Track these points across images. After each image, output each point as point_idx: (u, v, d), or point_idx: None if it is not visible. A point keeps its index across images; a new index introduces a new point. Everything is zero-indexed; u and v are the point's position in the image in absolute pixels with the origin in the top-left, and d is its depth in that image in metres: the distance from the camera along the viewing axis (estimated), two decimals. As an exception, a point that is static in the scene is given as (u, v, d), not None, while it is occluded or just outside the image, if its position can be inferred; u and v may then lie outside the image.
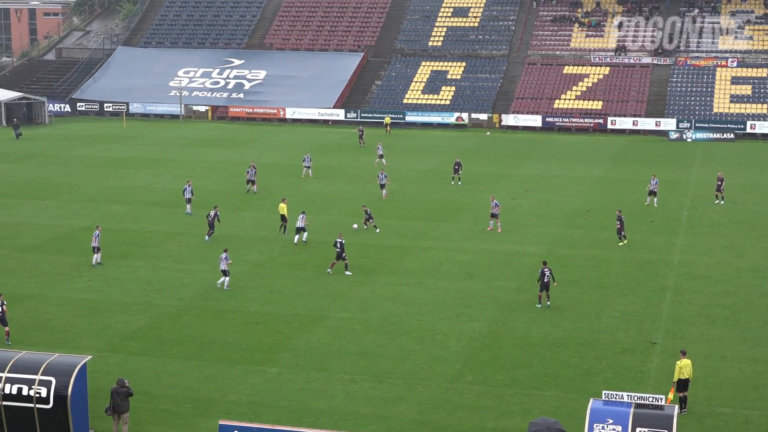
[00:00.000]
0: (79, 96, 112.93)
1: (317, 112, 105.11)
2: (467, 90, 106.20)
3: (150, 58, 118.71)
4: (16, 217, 57.81)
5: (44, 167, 75.37)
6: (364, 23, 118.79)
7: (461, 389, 32.96)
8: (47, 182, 68.89)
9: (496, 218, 55.08)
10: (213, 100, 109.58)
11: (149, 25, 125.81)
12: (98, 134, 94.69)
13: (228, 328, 38.77)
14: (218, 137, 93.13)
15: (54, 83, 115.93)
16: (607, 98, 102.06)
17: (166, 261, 48.56)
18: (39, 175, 71.96)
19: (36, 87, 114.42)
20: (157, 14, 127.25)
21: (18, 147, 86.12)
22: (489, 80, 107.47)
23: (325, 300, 42.41)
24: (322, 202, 62.71)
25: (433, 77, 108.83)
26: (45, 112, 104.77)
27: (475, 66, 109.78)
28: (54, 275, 46.01)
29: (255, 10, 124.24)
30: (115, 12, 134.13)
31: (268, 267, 47.51)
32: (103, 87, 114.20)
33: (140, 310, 40.98)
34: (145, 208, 60.72)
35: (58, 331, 38.46)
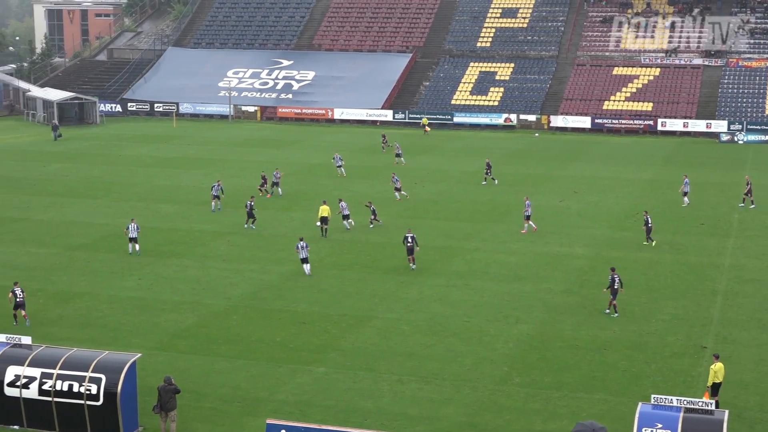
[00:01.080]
0: (130, 96, 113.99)
1: (365, 113, 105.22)
2: (516, 91, 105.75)
3: (200, 58, 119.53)
4: (68, 216, 58.44)
5: (95, 167, 76.14)
6: (413, 24, 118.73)
7: (509, 391, 32.81)
8: (98, 181, 69.59)
9: (528, 219, 54.95)
10: (262, 100, 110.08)
11: (199, 25, 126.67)
12: (148, 134, 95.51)
13: (276, 328, 38.90)
14: (267, 138, 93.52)
15: (105, 83, 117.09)
16: (657, 100, 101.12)
17: (214, 260, 48.84)
18: (90, 174, 72.69)
19: (88, 87, 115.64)
20: (207, 15, 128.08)
21: (70, 146, 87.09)
22: (538, 81, 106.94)
23: (372, 300, 42.41)
24: (364, 199, 62.61)
25: (482, 78, 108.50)
26: (96, 112, 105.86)
27: (524, 67, 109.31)
28: (104, 273, 46.45)
29: (304, 11, 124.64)
30: (165, 13, 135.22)
31: (316, 267, 47.58)
32: (154, 87, 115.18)
33: (189, 308, 41.25)
34: (194, 207, 61.11)
35: (108, 329, 38.81)
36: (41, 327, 38.54)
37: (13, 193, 65.62)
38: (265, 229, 54.66)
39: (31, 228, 55.45)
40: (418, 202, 62.40)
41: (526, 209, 54.90)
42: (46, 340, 35.48)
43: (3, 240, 52.74)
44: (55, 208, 60.70)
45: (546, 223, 56.60)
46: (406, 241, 47.29)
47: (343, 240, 52.47)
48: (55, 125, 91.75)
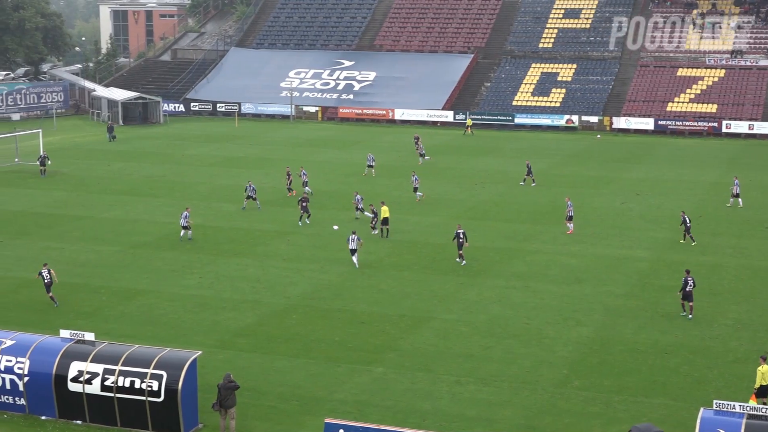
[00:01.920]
0: (193, 96, 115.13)
1: (426, 114, 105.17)
2: (578, 92, 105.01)
3: (262, 59, 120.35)
4: (131, 214, 59.18)
5: (158, 166, 77.01)
6: (474, 25, 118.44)
7: (568, 394, 32.60)
8: (161, 180, 70.36)
9: (570, 220, 54.86)
10: (323, 101, 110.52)
11: (262, 26, 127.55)
12: (211, 134, 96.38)
13: (335, 327, 39.04)
14: (327, 138, 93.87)
15: (169, 83, 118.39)
16: (722, 101, 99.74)
17: (275, 259, 49.15)
18: (153, 173, 73.53)
19: (152, 87, 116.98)
20: (269, 16, 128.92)
21: (134, 146, 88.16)
22: (600, 82, 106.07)
23: (431, 301, 42.39)
24: (428, 203, 62.70)
25: (543, 79, 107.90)
26: (160, 112, 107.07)
27: (586, 68, 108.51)
28: (166, 271, 46.96)
29: (366, 12, 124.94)
30: (228, 14, 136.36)
31: (376, 267, 47.69)
32: (216, 87, 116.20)
33: (249, 307, 41.55)
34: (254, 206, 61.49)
35: (169, 326, 39.23)
36: (104, 324, 39.09)
37: (77, 191, 66.61)
38: (325, 229, 54.87)
39: (94, 226, 56.25)
40: (478, 203, 62.22)
41: (569, 210, 54.82)
42: (108, 336, 35.99)
43: (67, 237, 53.57)
44: (118, 207, 61.51)
45: (607, 226, 56.16)
46: (457, 237, 48.06)
47: (403, 241, 52.51)
48: (111, 126, 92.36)
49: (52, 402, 30.37)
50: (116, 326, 38.95)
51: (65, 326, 35.69)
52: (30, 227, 56.09)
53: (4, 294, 43.30)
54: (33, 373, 30.41)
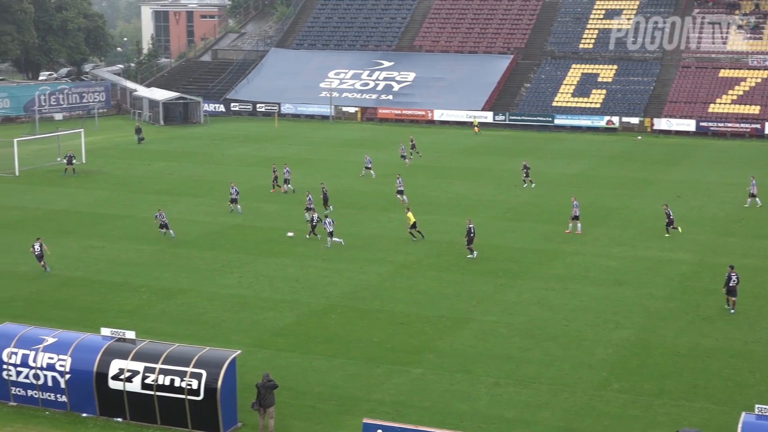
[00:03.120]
0: (233, 96, 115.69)
1: (465, 114, 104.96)
2: (618, 93, 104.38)
3: (302, 59, 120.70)
4: (171, 213, 59.48)
5: (199, 165, 77.44)
6: (514, 25, 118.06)
7: (607, 397, 32.39)
8: (201, 180, 70.73)
9: (577, 220, 54.78)
10: (362, 101, 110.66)
11: (302, 27, 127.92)
12: (251, 134, 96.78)
13: (373, 328, 39.05)
14: (367, 138, 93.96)
15: (209, 84, 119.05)
16: (765, 103, 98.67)
17: (314, 259, 49.24)
18: (194, 173, 73.92)
19: (192, 87, 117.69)
20: (309, 17, 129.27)
21: (174, 146, 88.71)
22: (641, 83, 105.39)
23: (470, 302, 42.30)
24: (468, 204, 62.58)
25: (584, 80, 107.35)
26: (200, 112, 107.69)
27: (627, 69, 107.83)
28: (206, 271, 47.19)
29: (405, 13, 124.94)
30: (269, 14, 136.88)
31: (414, 268, 47.66)
32: (256, 88, 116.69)
33: (288, 307, 41.66)
34: (294, 206, 61.64)
35: (209, 325, 39.42)
36: (144, 322, 39.35)
37: (118, 190, 67.13)
38: (364, 229, 54.90)
39: (135, 225, 56.65)
40: (517, 205, 62.01)
41: (574, 210, 54.79)
42: (149, 335, 36.23)
43: (109, 236, 53.99)
44: (158, 206, 61.79)
45: (648, 228, 55.75)
46: (469, 232, 49.32)
47: (442, 242, 52.43)
48: (138, 128, 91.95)
49: (93, 399, 30.61)
50: (156, 325, 39.20)
51: (106, 324, 35.97)
52: (72, 226, 56.60)
53: (46, 292, 43.73)
54: (74, 370, 30.67)
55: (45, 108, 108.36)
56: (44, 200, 63.95)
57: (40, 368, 30.95)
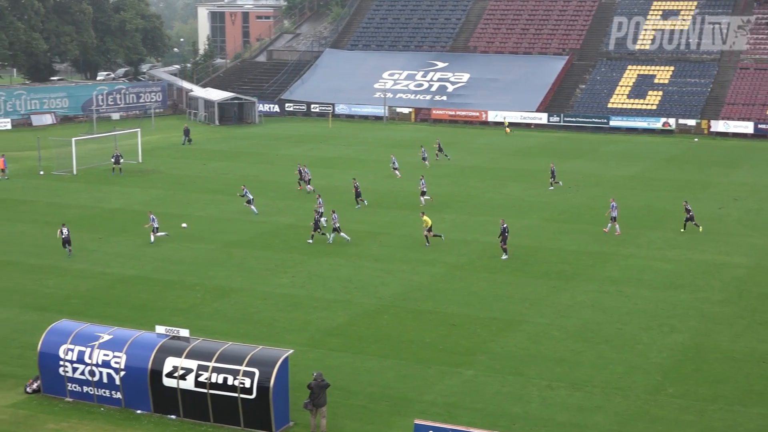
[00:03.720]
0: (288, 97, 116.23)
1: (519, 116, 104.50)
2: (675, 95, 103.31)
3: (356, 60, 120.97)
4: (225, 213, 59.97)
5: (253, 165, 77.91)
6: (570, 26, 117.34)
7: (661, 401, 32.09)
8: (256, 180, 71.11)
9: (614, 221, 54.58)
10: (416, 102, 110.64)
11: (356, 28, 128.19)
12: (305, 134, 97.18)
13: (425, 329, 39.04)
14: (420, 139, 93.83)
15: (264, 84, 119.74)
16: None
17: (366, 260, 49.34)
18: (248, 172, 74.36)
19: (247, 88, 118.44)
20: (364, 17, 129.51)
21: (229, 145, 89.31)
22: (698, 85, 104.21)
23: (523, 305, 42.13)
24: (522, 206, 62.33)
25: (640, 81, 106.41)
26: (255, 112, 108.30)
27: (684, 70, 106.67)
28: (260, 270, 47.48)
29: (460, 13, 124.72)
30: (323, 15, 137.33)
31: (467, 269, 47.57)
32: (311, 88, 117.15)
33: (341, 307, 41.78)
34: (348, 207, 61.74)
35: (262, 324, 39.66)
36: (198, 320, 39.68)
37: (174, 190, 67.75)
38: (417, 230, 54.91)
39: (190, 224, 57.05)
40: (571, 207, 61.63)
41: (612, 210, 54.66)
42: (202, 333, 36.53)
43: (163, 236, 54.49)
44: (213, 206, 62.40)
45: (704, 231, 55.12)
46: (503, 232, 49.32)
47: (495, 243, 52.24)
48: (187, 129, 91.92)
49: (147, 396, 30.93)
50: (210, 323, 39.51)
51: (161, 322, 36.32)
52: (128, 224, 57.22)
53: (102, 290, 44.27)
54: (129, 367, 31.02)
55: (102, 108, 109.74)
56: (101, 198, 64.75)
57: (96, 365, 31.34)
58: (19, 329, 38.87)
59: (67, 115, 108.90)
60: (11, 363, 35.46)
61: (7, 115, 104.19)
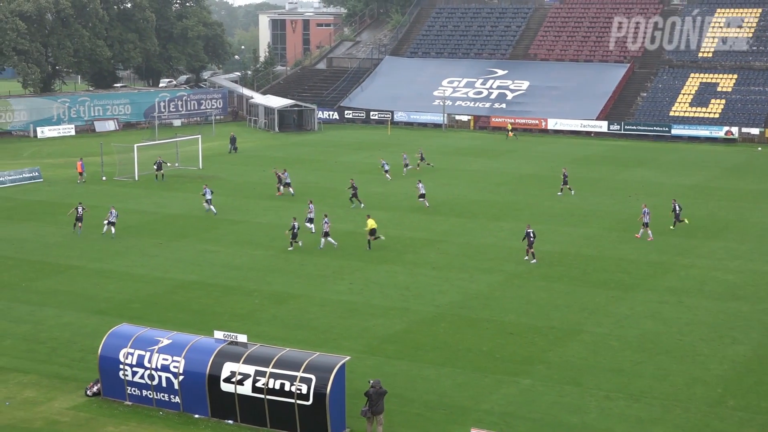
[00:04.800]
0: (347, 104, 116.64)
1: (579, 124, 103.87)
2: (738, 103, 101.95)
3: (415, 67, 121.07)
4: (284, 219, 60.19)
5: (312, 172, 78.24)
6: (631, 34, 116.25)
7: (722, 414, 31.62)
8: (314, 187, 71.40)
9: (647, 227, 54.58)
10: (475, 109, 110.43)
11: (416, 35, 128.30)
12: (364, 141, 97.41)
13: (483, 337, 38.89)
14: (479, 147, 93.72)
15: (324, 91, 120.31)
16: None
17: (424, 267, 49.29)
18: (307, 179, 74.69)
19: (307, 95, 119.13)
20: (424, 25, 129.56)
21: (289, 152, 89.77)
22: (763, 93, 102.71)
23: (581, 314, 41.80)
24: (581, 214, 61.87)
25: (702, 89, 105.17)
26: (315, 119, 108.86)
27: (748, 78, 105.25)
28: (317, 276, 47.63)
29: (520, 21, 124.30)
30: (383, 23, 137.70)
31: (525, 278, 47.32)
32: (370, 95, 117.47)
33: (398, 314, 41.77)
34: (406, 214, 61.87)
35: (319, 330, 39.76)
36: (256, 326, 39.89)
37: (234, 196, 68.24)
38: (475, 238, 54.74)
39: (249, 230, 57.51)
40: (631, 216, 61.00)
41: (644, 216, 54.69)
42: (260, 338, 36.70)
43: (223, 241, 54.92)
44: (272, 212, 62.76)
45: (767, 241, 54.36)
46: (528, 236, 49.85)
47: (553, 252, 51.95)
48: (233, 138, 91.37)
49: (205, 401, 31.15)
50: (268, 329, 39.71)
51: (219, 327, 36.57)
52: (188, 230, 57.77)
53: (162, 295, 44.71)
54: (187, 372, 31.26)
55: (164, 114, 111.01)
56: (162, 204, 65.42)
57: (155, 369, 31.63)
58: (81, 333, 39.39)
59: (129, 122, 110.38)
60: (73, 366, 35.93)
61: (72, 121, 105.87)
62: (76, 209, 56.76)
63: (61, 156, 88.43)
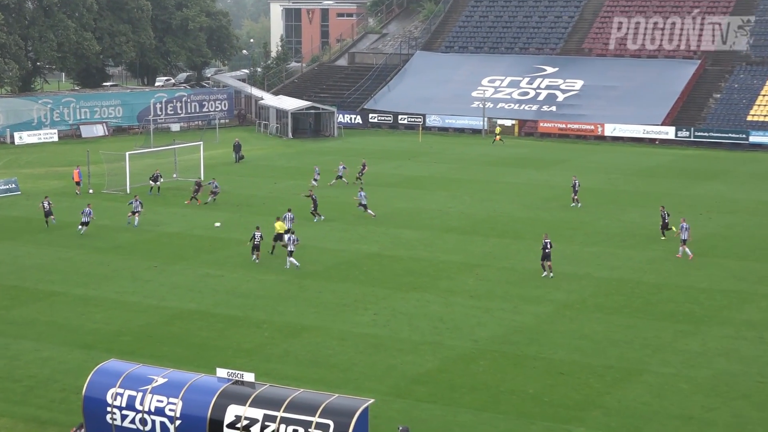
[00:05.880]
0: (372, 106, 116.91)
1: (642, 130, 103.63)
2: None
3: (451, 64, 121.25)
4: (301, 238, 60.17)
5: (331, 186, 78.23)
6: (703, 25, 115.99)
7: (810, 470, 31.34)
8: (334, 201, 71.41)
9: (684, 244, 55.43)
10: (520, 113, 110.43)
11: (452, 27, 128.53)
12: (390, 149, 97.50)
13: (528, 377, 38.72)
14: (525, 156, 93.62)
15: (345, 92, 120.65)
16: None
17: (460, 296, 49.18)
18: (326, 193, 74.70)
19: (325, 96, 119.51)
20: (461, 15, 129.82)
21: (304, 161, 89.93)
22: None
23: (644, 351, 41.57)
24: (644, 234, 61.64)
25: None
26: (334, 124, 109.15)
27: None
28: (336, 306, 47.59)
29: (573, 11, 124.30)
30: (414, 13, 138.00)
31: (578, 308, 47.13)
32: (399, 96, 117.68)
33: (430, 350, 41.66)
34: (439, 234, 61.80)
35: (338, 368, 39.69)
36: (265, 363, 39.87)
37: (240, 212, 68.36)
38: (520, 262, 54.60)
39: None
40: (702, 237, 60.71)
41: (682, 232, 55.56)
42: (270, 377, 36.66)
43: (228, 264, 54.95)
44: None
45: None
46: (545, 247, 51.55)
47: (611, 278, 51.74)
48: (237, 145, 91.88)
49: (206, 449, 31.10)
50: (279, 366, 39.69)
51: (223, 364, 36.56)
52: (187, 251, 57.90)
53: (156, 326, 44.77)
54: (185, 416, 31.20)
55: (161, 117, 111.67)
56: (157, 221, 65.62)
57: (148, 412, 31.60)
58: (62, 370, 39.48)
59: (120, 126, 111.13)
60: (53, 408, 35.99)
61: (54, 125, 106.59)
62: (42, 204, 62.98)
63: (41, 165, 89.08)
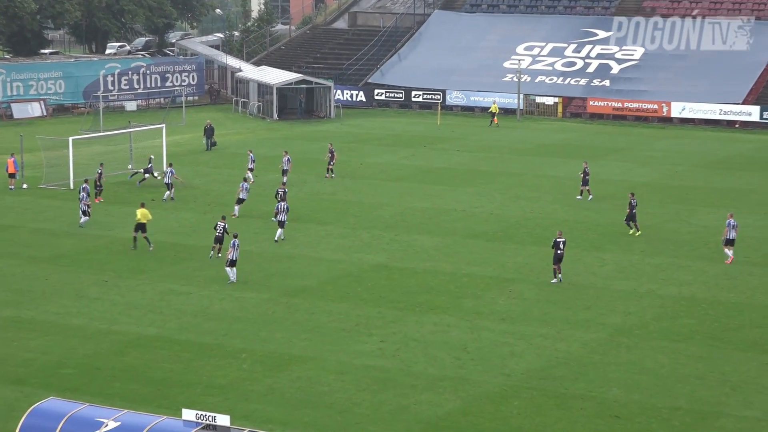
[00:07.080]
0: (378, 80, 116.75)
1: (718, 110, 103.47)
2: None
3: (478, 28, 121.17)
4: (285, 248, 60.17)
5: (326, 180, 78.19)
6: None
7: None
8: (329, 200, 71.41)
9: (727, 245, 56.74)
10: (565, 88, 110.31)
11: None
12: (402, 134, 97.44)
13: (575, 422, 38.67)
14: (570, 143, 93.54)
15: (344, 62, 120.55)
16: None
17: (489, 319, 49.10)
18: (319, 190, 74.70)
19: (320, 66, 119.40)
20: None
21: (292, 149, 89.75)
22: None
23: (720, 389, 41.48)
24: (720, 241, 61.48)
25: None
26: (330, 102, 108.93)
27: None
28: (333, 331, 47.52)
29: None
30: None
31: (637, 335, 47.04)
32: (411, 68, 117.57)
33: (451, 387, 41.60)
34: (462, 240, 61.76)
35: (335, 410, 39.63)
36: (244, 402, 39.84)
37: (212, 212, 68.06)
38: (564, 276, 54.56)
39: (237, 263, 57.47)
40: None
41: (728, 231, 56.78)
42: (249, 421, 36.66)
43: (197, 278, 54.90)
44: (267, 235, 62.64)
45: None
46: (557, 247, 53.25)
47: (680, 296, 51.65)
48: (209, 128, 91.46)
49: None
50: (260, 407, 39.63)
51: (190, 404, 36.53)
52: (147, 262, 57.86)
53: (107, 356, 44.71)
54: (143, 469, 31.20)
55: (113, 94, 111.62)
56: (109, 224, 65.56)
57: (96, 464, 31.59)
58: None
59: (62, 104, 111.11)
60: (-24, 459, 36.05)
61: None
62: None
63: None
